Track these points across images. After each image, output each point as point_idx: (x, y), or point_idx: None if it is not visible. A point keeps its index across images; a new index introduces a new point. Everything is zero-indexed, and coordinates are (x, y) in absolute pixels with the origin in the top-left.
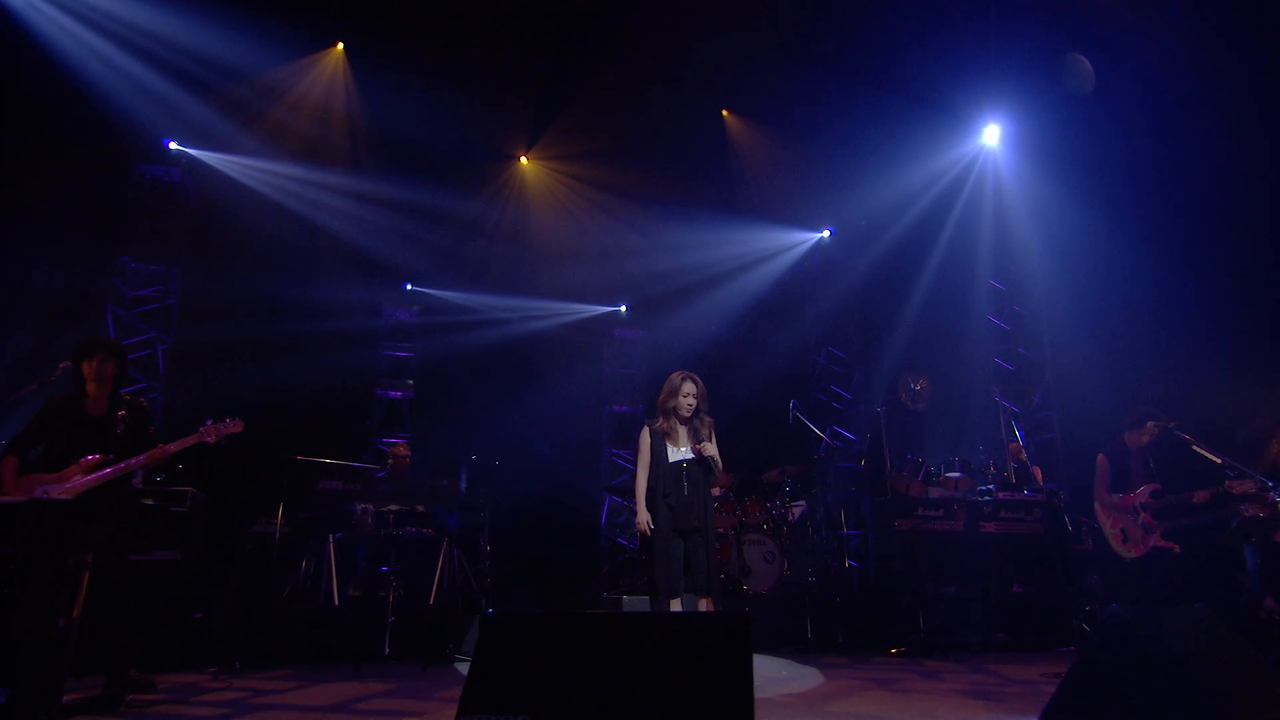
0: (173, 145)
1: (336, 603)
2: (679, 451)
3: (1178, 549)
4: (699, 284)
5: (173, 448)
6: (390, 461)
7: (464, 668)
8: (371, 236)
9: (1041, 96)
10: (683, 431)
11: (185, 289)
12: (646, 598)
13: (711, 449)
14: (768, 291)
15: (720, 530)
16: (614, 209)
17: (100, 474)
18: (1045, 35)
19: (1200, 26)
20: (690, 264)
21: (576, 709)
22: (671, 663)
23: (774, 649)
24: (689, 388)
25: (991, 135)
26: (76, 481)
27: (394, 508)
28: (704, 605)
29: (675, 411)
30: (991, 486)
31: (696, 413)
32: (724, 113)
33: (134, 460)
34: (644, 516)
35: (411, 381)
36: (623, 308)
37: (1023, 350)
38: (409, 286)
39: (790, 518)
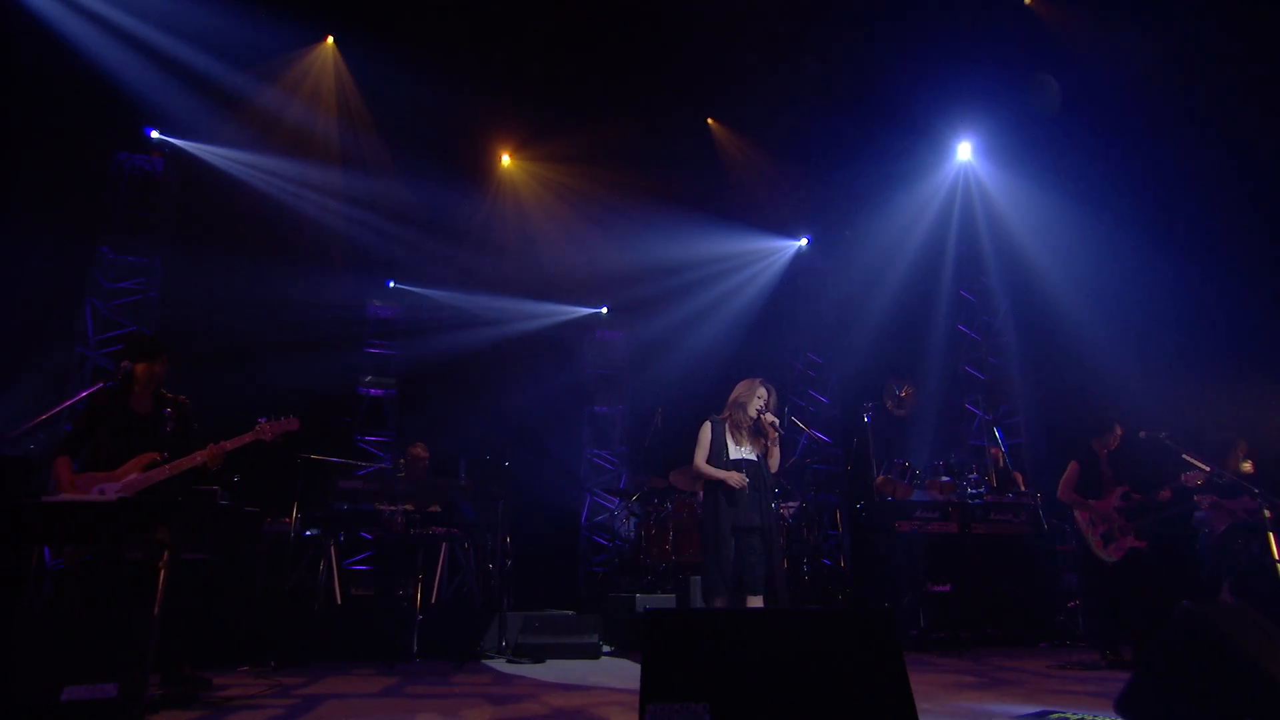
0: (154, 134)
1: (339, 601)
2: (740, 451)
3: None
4: (680, 287)
5: (229, 445)
6: (402, 461)
7: (494, 664)
8: (355, 233)
9: (1013, 114)
10: (747, 432)
11: (166, 282)
12: (660, 596)
13: (772, 417)
14: (747, 296)
15: None
16: (597, 211)
17: (156, 472)
18: (1017, 56)
19: (1164, 46)
20: (672, 267)
21: (750, 697)
22: (828, 655)
23: None
24: (762, 392)
25: (964, 151)
26: (132, 479)
27: (408, 507)
28: (753, 602)
29: (744, 409)
30: (983, 490)
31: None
32: (709, 121)
33: (191, 457)
34: (731, 475)
35: (394, 380)
36: (604, 309)
37: (993, 359)
38: (391, 284)
39: (785, 516)
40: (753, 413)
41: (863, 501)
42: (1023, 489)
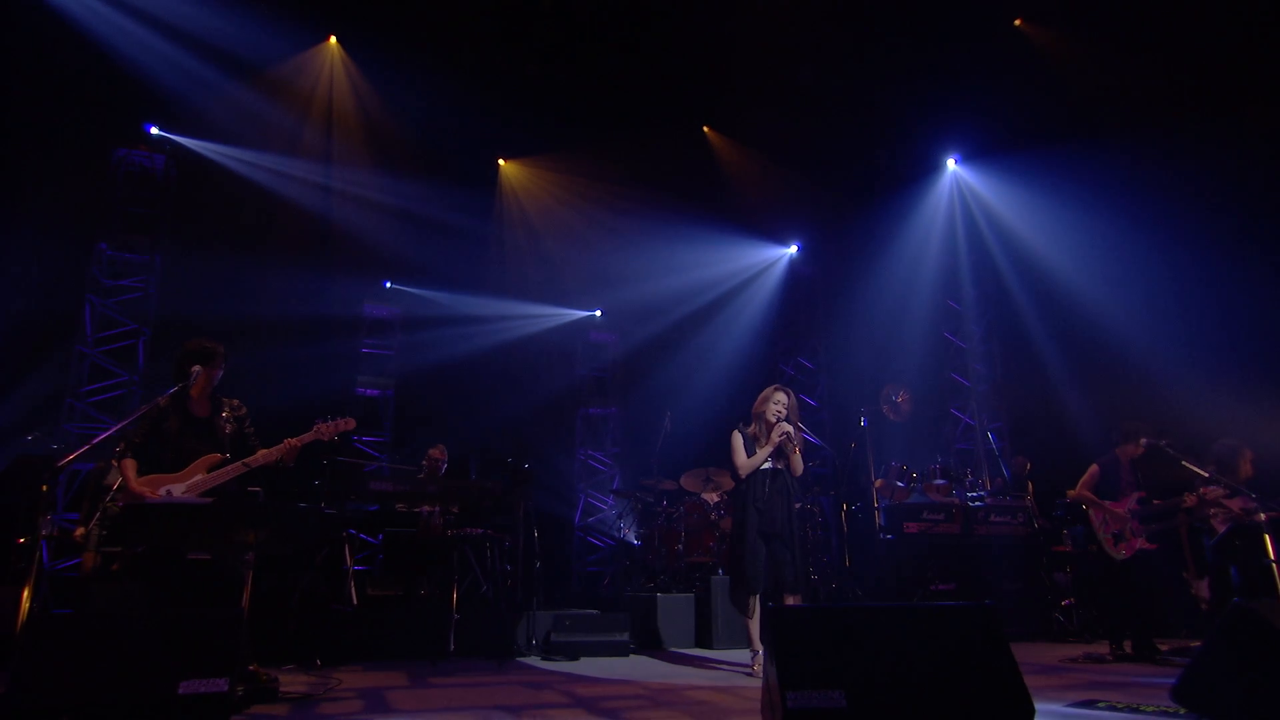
0: (154, 130)
1: (355, 602)
2: (767, 460)
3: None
4: (673, 291)
5: (297, 443)
6: (425, 464)
7: (530, 661)
8: (352, 232)
9: (1002, 132)
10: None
11: (164, 279)
12: (678, 595)
13: (787, 428)
14: (738, 301)
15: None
16: (592, 215)
17: (220, 472)
18: (1006, 75)
19: (1148, 67)
20: (665, 271)
21: (879, 684)
22: (943, 645)
23: None
24: (780, 397)
25: (952, 165)
26: (197, 480)
27: (430, 508)
28: (790, 602)
29: (764, 417)
30: (983, 493)
31: (785, 422)
32: (705, 129)
33: (255, 458)
34: (773, 439)
35: (390, 380)
36: (598, 312)
37: (977, 367)
38: (388, 284)
39: None
40: (771, 419)
41: (859, 503)
42: (1029, 495)
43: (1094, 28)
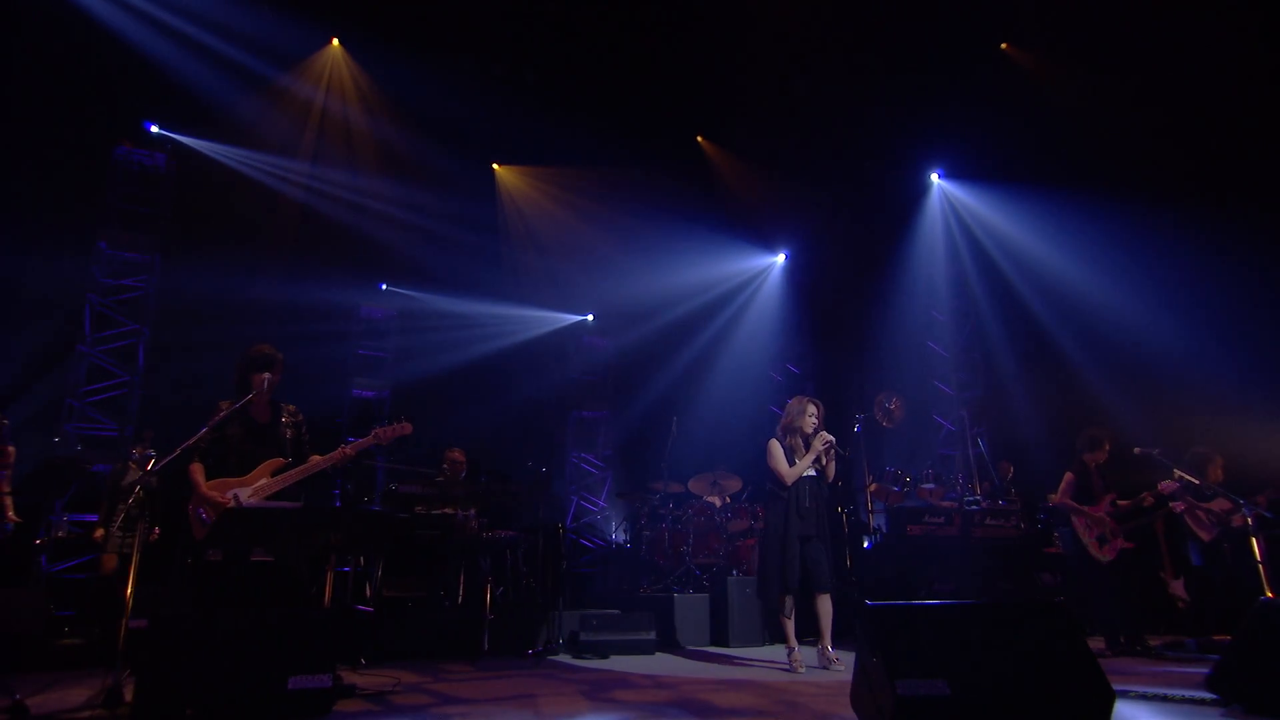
0: (154, 129)
1: (371, 604)
2: (803, 468)
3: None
4: (664, 296)
5: (352, 450)
6: (445, 466)
7: (563, 659)
8: (350, 234)
9: (988, 148)
10: (806, 450)
11: (164, 279)
12: (693, 595)
13: (830, 437)
14: (728, 307)
15: (737, 530)
16: (586, 220)
17: (284, 477)
18: (993, 95)
19: (1127, 88)
20: (657, 277)
21: (976, 673)
22: (1026, 638)
23: (801, 639)
24: (812, 409)
25: (937, 179)
26: (262, 485)
27: (448, 510)
28: (823, 600)
29: (800, 430)
30: (978, 497)
31: (817, 431)
32: (698, 138)
33: (316, 462)
34: (814, 447)
35: (385, 382)
36: (590, 316)
37: (959, 375)
38: (384, 287)
39: None
40: (809, 430)
41: (851, 506)
42: (1015, 499)
43: (1074, 53)
